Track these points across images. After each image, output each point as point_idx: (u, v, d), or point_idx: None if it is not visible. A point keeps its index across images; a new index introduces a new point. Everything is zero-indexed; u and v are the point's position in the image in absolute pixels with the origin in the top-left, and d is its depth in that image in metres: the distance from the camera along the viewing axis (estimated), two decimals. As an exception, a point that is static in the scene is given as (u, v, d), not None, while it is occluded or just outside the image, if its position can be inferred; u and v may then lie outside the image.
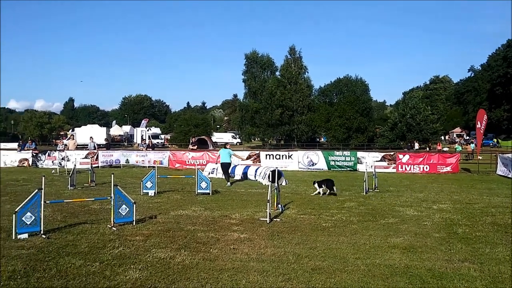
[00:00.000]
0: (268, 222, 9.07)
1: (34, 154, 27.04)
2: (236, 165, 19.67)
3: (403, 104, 58.46)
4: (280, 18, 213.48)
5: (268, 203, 9.26)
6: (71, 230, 8.15)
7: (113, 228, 8.27)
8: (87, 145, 29.79)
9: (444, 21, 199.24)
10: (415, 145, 39.47)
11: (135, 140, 67.49)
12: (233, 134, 76.09)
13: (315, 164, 24.41)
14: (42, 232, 7.59)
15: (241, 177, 18.49)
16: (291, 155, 24.94)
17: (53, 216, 9.41)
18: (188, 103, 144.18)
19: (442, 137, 67.18)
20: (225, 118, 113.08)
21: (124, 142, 68.73)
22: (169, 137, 70.56)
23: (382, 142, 54.15)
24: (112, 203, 8.49)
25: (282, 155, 25.03)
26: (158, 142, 60.88)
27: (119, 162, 26.29)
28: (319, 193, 13.67)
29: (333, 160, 24.39)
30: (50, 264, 5.98)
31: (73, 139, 34.40)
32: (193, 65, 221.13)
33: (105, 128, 65.62)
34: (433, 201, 12.57)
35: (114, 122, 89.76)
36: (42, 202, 7.63)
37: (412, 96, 71.22)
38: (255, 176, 17.85)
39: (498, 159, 22.39)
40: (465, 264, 6.27)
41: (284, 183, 16.09)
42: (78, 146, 33.67)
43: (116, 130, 75.32)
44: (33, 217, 7.53)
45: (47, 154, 27.17)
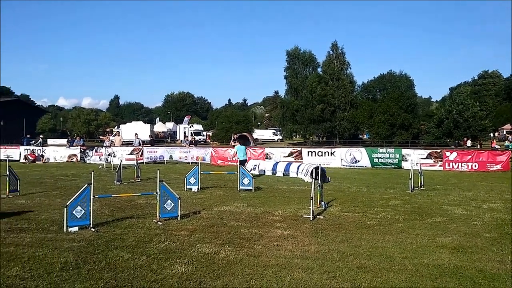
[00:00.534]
0: (311, 219, 9.00)
1: (82, 150, 28.00)
2: (278, 162, 19.65)
3: (450, 100, 56.71)
4: (322, 14, 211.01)
5: (311, 200, 9.19)
6: (119, 224, 8.37)
7: (159, 223, 8.43)
8: (132, 142, 30.56)
9: (493, 14, 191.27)
10: (468, 143, 38.07)
11: (178, 137, 68.70)
12: (274, 131, 76.08)
13: (358, 162, 24.05)
14: (91, 226, 7.83)
15: (283, 174, 18.45)
16: (334, 152, 24.68)
17: (101, 210, 9.68)
18: (230, 100, 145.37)
19: (492, 134, 64.60)
20: (266, 115, 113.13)
21: (167, 139, 70.01)
22: (211, 134, 71.39)
23: (428, 139, 52.71)
24: (158, 198, 8.65)
25: (325, 152, 24.80)
26: (200, 139, 61.71)
27: (163, 158, 26.82)
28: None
29: (377, 158, 23.96)
30: (100, 257, 6.16)
31: (119, 136, 35.32)
32: (234, 62, 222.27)
33: (149, 125, 67.07)
34: (483, 200, 12.13)
35: (158, 119, 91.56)
36: (92, 197, 7.86)
37: (460, 92, 68.80)
38: (297, 173, 17.78)
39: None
40: (519, 266, 6.01)
41: (327, 180, 15.93)
42: (124, 143, 34.56)
43: (160, 127, 76.79)
44: (83, 211, 7.78)
45: (95, 150, 28.07)
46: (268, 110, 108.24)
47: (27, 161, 26.90)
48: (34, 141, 33.00)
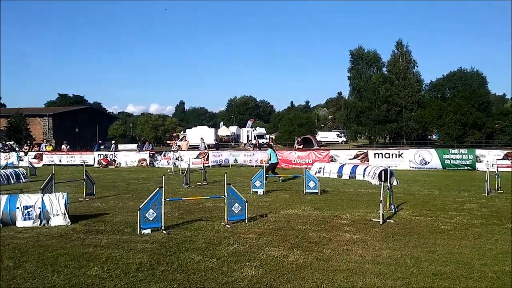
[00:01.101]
0: (381, 223, 8.75)
1: (151, 155, 29.03)
2: (344, 164, 19.33)
3: (527, 97, 53.10)
4: (388, 12, 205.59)
5: (381, 204, 8.94)
6: (189, 227, 8.56)
7: (227, 226, 8.53)
8: (198, 146, 31.28)
9: None
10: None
11: (242, 140, 69.54)
12: (338, 133, 75.06)
13: (428, 163, 23.12)
14: (163, 228, 8.06)
15: (349, 177, 18.12)
16: (402, 154, 23.89)
17: (171, 213, 9.95)
18: (292, 103, 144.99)
19: None
20: (330, 117, 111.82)
21: (231, 142, 71.07)
22: (274, 137, 71.62)
23: (504, 139, 49.69)
24: (226, 202, 8.77)
25: (392, 154, 24.06)
26: (263, 142, 62.05)
27: (228, 162, 27.22)
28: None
29: (448, 159, 22.92)
30: (172, 259, 6.33)
31: (186, 140, 36.27)
32: (296, 64, 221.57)
33: (213, 129, 68.45)
34: None
35: (222, 123, 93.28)
36: (163, 200, 8.11)
37: (538, 88, 64.30)
38: (364, 176, 17.38)
39: None
40: None
41: (395, 183, 15.45)
42: (190, 147, 35.45)
43: (224, 131, 78.17)
44: (155, 214, 8.04)
45: (163, 155, 29.00)
46: (332, 112, 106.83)
47: (101, 166, 28.26)
48: (102, 146, 34.55)
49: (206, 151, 28.31)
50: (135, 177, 20.29)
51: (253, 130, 73.40)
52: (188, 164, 18.99)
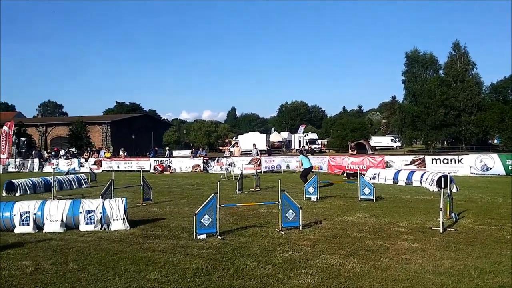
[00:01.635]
0: (442, 232, 8.42)
1: (205, 161, 29.51)
2: (400, 170, 18.81)
3: None
4: (445, 12, 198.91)
5: (441, 211, 8.61)
6: (243, 233, 8.60)
7: (281, 232, 8.50)
8: (251, 152, 31.47)
9: None
10: None
11: (293, 146, 69.26)
12: (392, 138, 73.23)
13: (490, 169, 22.05)
14: (218, 234, 8.14)
15: (405, 183, 17.60)
16: (461, 159, 22.94)
17: (226, 219, 10.03)
18: (344, 107, 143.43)
19: None
20: (383, 121, 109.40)
21: (283, 148, 70.98)
22: (326, 142, 70.86)
23: None
24: (280, 208, 8.75)
25: (451, 159, 23.15)
26: (316, 148, 61.57)
27: (280, 167, 27.20)
28: None
29: (512, 164, 21.77)
30: (228, 264, 6.37)
31: (238, 146, 36.61)
32: (348, 68, 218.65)
33: (265, 135, 68.63)
34: None
35: (273, 129, 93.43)
36: (218, 206, 8.19)
37: None
38: (421, 182, 16.83)
39: None
40: None
41: (455, 190, 14.84)
42: (242, 153, 35.74)
43: (275, 137, 78.23)
44: (210, 219, 8.13)
45: (216, 161, 29.41)
46: (385, 116, 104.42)
47: (156, 172, 29.03)
48: (154, 153, 35.41)
49: (259, 157, 28.42)
50: (190, 183, 20.68)
51: (305, 136, 72.99)
52: (241, 170, 19.14)
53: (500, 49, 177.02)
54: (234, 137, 72.70)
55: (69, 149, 46.50)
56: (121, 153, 35.62)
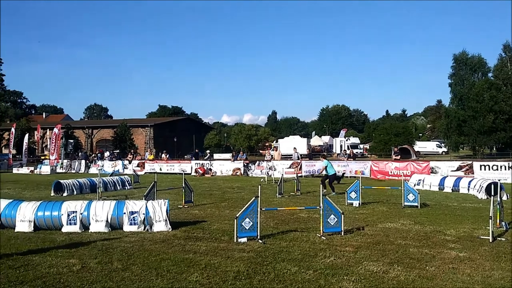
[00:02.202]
0: (491, 241, 8.07)
1: (245, 164, 29.63)
2: (446, 176, 18.24)
3: None
4: (495, 13, 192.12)
5: (490, 220, 8.26)
6: (284, 237, 8.54)
7: (323, 237, 8.39)
8: (291, 156, 31.34)
9: None
10: None
11: (334, 150, 68.52)
12: (438, 143, 71.19)
13: (542, 176, 21.02)
14: (259, 237, 8.12)
15: (452, 190, 17.04)
16: (512, 166, 21.99)
17: (266, 223, 9.99)
18: (387, 111, 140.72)
19: None
20: (428, 126, 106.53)
21: (324, 152, 70.30)
22: (368, 147, 69.70)
23: None
24: (321, 213, 8.64)
25: (501, 166, 22.20)
26: (357, 152, 60.65)
27: (321, 172, 26.88)
28: None
29: None
30: (269, 268, 6.33)
31: (277, 150, 36.57)
32: (392, 71, 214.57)
33: (306, 139, 68.22)
34: None
35: (314, 133, 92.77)
36: (259, 209, 8.18)
37: None
38: (469, 189, 16.24)
39: None
40: None
41: (506, 198, 14.23)
42: (282, 156, 35.64)
43: (316, 141, 77.57)
44: (251, 223, 8.13)
45: (256, 164, 29.47)
46: (430, 121, 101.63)
47: (197, 174, 29.39)
48: (195, 155, 35.85)
49: (299, 161, 28.27)
50: (230, 186, 20.79)
51: (347, 140, 72.08)
52: (282, 174, 19.06)
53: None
54: (275, 141, 72.67)
55: (114, 151, 47.83)
56: (163, 156, 36.29)
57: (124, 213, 9.19)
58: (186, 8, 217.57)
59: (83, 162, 35.59)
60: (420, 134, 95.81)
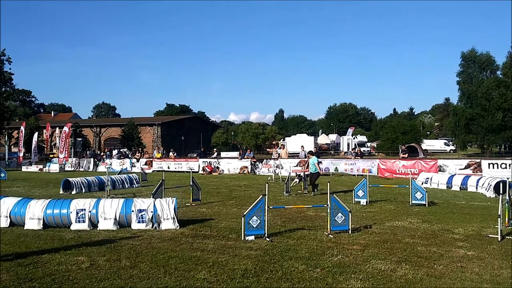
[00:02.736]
0: (500, 240, 8.03)
1: (253, 162, 29.63)
2: (454, 175, 18.15)
3: None
4: (503, 10, 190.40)
5: (499, 218, 8.22)
6: (291, 235, 8.55)
7: (330, 236, 8.39)
8: (298, 154, 31.30)
9: None
10: None
11: (341, 149, 68.41)
12: (446, 141, 70.80)
13: (551, 175, 20.86)
14: (266, 235, 8.14)
15: (460, 188, 16.96)
16: (520, 164, 21.82)
17: (274, 221, 10.01)
18: (395, 109, 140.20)
19: None
20: (436, 124, 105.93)
21: (331, 151, 70.22)
22: (375, 145, 69.44)
23: None
24: (328, 211, 8.64)
25: (509, 164, 22.01)
26: (365, 150, 60.44)
27: (328, 170, 26.85)
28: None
29: None
30: (276, 266, 6.34)
31: (284, 148, 36.55)
32: (399, 69, 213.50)
33: (313, 137, 68.11)
34: None
35: (321, 131, 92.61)
36: (266, 207, 8.19)
37: None
38: (477, 188, 16.16)
39: None
40: None
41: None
42: (290, 155, 35.59)
43: (323, 139, 77.43)
44: (258, 221, 8.14)
45: (263, 162, 29.47)
46: (438, 119, 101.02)
47: (205, 173, 29.43)
48: (201, 154, 35.84)
49: (306, 159, 28.19)
50: (237, 184, 20.82)
51: (354, 138, 71.88)
52: (289, 172, 19.06)
53: None
54: (282, 139, 72.61)
55: (121, 150, 48.05)
56: (171, 154, 36.39)
57: (132, 211, 9.24)
58: (194, 7, 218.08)
59: (91, 160, 35.80)
60: (428, 132, 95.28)
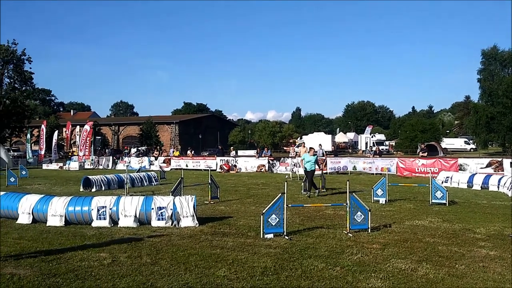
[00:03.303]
0: (523, 240, 7.91)
1: (270, 161, 29.64)
2: (475, 174, 17.89)
3: None
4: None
5: (522, 218, 8.09)
6: (310, 233, 8.54)
7: (349, 234, 8.36)
8: (316, 152, 31.17)
9: None
10: None
11: (359, 147, 67.93)
12: (466, 140, 69.75)
13: None
14: (285, 234, 8.14)
15: (481, 187, 16.71)
16: (543, 163, 21.40)
17: (292, 219, 10.00)
18: (413, 108, 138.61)
19: None
20: (456, 122, 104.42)
21: (349, 149, 69.77)
22: (394, 144, 68.76)
23: None
24: (348, 210, 8.61)
25: (532, 163, 21.64)
26: (383, 149, 59.92)
27: (347, 169, 26.74)
28: None
29: None
30: (295, 265, 6.35)
31: (303, 147, 36.41)
32: (418, 66, 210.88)
33: (330, 136, 67.73)
34: None
35: (338, 130, 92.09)
36: (285, 206, 8.19)
37: None
38: (498, 187, 15.91)
39: None
40: None
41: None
42: (307, 153, 35.38)
43: (341, 137, 76.97)
44: (277, 219, 8.15)
45: (281, 161, 29.45)
46: (458, 117, 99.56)
47: (222, 171, 29.55)
48: (219, 152, 35.93)
49: (324, 158, 28.11)
50: (255, 182, 20.85)
51: (372, 137, 71.29)
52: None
53: None
54: (299, 138, 72.41)
55: (139, 148, 48.50)
56: (189, 152, 36.60)
57: (152, 209, 9.33)
58: (211, 6, 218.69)
59: (111, 158, 36.20)
60: (448, 131, 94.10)
